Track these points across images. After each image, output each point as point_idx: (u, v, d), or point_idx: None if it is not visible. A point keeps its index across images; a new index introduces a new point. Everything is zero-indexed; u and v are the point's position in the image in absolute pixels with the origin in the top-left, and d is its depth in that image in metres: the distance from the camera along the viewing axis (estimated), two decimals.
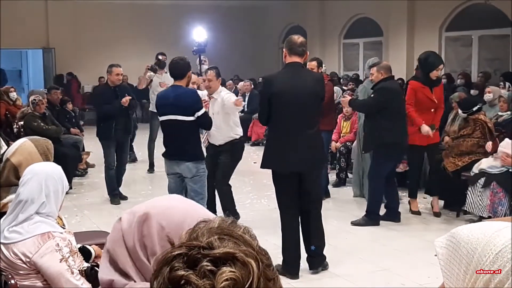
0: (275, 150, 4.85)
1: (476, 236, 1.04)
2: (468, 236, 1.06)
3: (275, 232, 6.00)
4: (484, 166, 6.14)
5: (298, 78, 4.76)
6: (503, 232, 1.03)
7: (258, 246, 0.99)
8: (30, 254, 2.70)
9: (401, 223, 6.48)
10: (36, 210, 2.77)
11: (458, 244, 1.06)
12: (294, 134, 4.74)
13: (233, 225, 1.00)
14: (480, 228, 1.06)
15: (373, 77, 6.46)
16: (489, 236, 1.03)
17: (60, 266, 2.69)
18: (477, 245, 1.03)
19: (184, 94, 5.22)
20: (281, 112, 4.73)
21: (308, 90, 4.75)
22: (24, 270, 2.73)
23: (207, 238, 0.95)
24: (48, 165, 2.95)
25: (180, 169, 5.32)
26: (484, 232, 1.04)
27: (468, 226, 1.09)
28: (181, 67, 5.28)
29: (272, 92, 4.72)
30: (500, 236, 1.02)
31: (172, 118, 5.20)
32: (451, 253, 1.07)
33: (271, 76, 4.96)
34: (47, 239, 2.73)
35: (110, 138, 7.43)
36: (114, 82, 7.49)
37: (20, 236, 2.73)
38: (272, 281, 0.97)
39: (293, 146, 4.73)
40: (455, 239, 1.08)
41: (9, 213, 2.82)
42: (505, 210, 5.90)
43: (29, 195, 2.77)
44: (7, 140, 6.98)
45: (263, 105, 4.87)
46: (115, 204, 7.46)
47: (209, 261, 0.91)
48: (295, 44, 4.79)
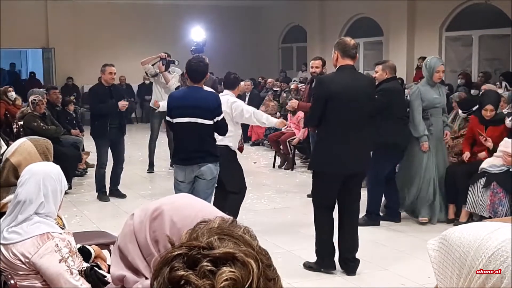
0: (330, 151, 4.82)
1: (468, 239, 1.04)
2: (460, 238, 1.05)
3: (275, 232, 6.01)
4: (484, 165, 6.14)
5: (354, 80, 4.81)
6: (495, 234, 1.03)
7: (258, 246, 0.99)
8: (29, 255, 2.69)
9: (401, 223, 6.48)
10: (35, 211, 2.76)
11: (450, 247, 1.06)
12: (350, 135, 4.76)
13: (233, 225, 1.00)
14: (472, 230, 1.06)
15: (377, 75, 6.45)
16: (481, 239, 1.03)
17: (59, 266, 2.69)
18: (470, 248, 1.03)
19: (207, 98, 5.10)
20: (338, 113, 4.74)
21: (363, 92, 4.81)
22: (24, 270, 2.73)
23: (207, 238, 0.94)
24: (46, 165, 2.94)
25: (201, 171, 5.11)
26: (476, 235, 1.04)
27: (460, 228, 1.08)
28: (201, 69, 5.14)
29: (330, 93, 4.72)
30: (492, 239, 1.02)
31: (191, 121, 5.02)
32: (443, 256, 1.07)
33: (328, 77, 5.03)
34: (46, 239, 2.72)
35: (105, 137, 7.45)
36: (108, 81, 7.49)
37: (19, 237, 2.72)
38: (273, 281, 0.97)
39: (349, 147, 4.76)
40: (447, 241, 1.07)
41: (8, 214, 2.82)
42: (505, 210, 5.90)
43: (27, 195, 2.76)
44: (6, 140, 6.97)
45: (317, 106, 4.84)
46: (104, 201, 7.50)
47: (209, 261, 0.91)
48: (349, 47, 4.81)
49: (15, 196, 2.80)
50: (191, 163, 5.12)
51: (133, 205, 7.42)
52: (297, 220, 6.59)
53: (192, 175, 5.16)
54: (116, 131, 7.51)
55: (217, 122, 5.08)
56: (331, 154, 4.80)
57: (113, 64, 7.62)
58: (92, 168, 9.44)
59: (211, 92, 5.38)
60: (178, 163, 5.28)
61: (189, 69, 5.20)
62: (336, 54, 4.84)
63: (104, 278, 3.00)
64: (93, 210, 7.21)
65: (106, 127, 7.39)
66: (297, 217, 6.71)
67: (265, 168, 9.92)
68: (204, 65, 5.18)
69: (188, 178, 5.18)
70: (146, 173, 9.44)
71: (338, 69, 4.86)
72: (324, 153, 4.87)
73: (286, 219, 6.73)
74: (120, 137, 7.68)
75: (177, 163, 5.30)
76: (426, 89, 6.30)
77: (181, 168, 5.19)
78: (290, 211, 7.12)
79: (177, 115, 5.10)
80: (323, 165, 4.90)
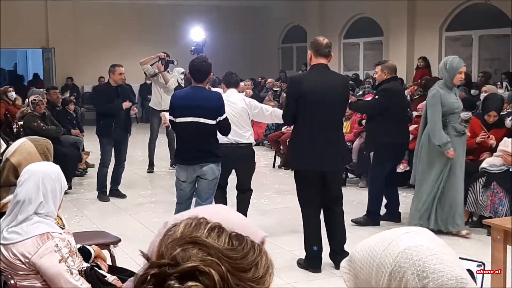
0: (301, 150, 4.90)
1: (368, 260, 1.07)
2: (361, 260, 1.08)
3: (275, 232, 6.01)
4: (485, 165, 6.14)
5: (326, 79, 4.84)
6: (389, 249, 1.04)
7: (226, 241, 0.99)
8: (29, 255, 2.69)
9: (401, 223, 6.48)
10: (35, 210, 2.76)
11: (356, 270, 1.09)
12: (321, 134, 4.80)
13: (197, 228, 1.00)
14: (370, 248, 1.08)
15: (376, 75, 6.45)
16: (379, 258, 1.05)
17: (59, 266, 2.69)
18: (371, 269, 1.06)
19: (210, 97, 5.11)
20: (309, 112, 4.78)
21: (336, 91, 4.84)
22: (24, 270, 2.73)
23: (171, 254, 0.96)
24: (46, 165, 2.94)
25: (203, 171, 5.11)
26: (374, 254, 1.06)
27: (361, 247, 1.10)
28: (204, 69, 5.14)
29: (300, 92, 4.77)
30: (387, 256, 1.04)
31: (194, 121, 5.02)
32: (354, 278, 1.09)
33: (299, 77, 5.05)
34: (46, 239, 2.72)
35: (110, 136, 7.48)
36: (117, 82, 7.54)
37: (19, 237, 2.72)
38: (253, 268, 0.98)
39: (321, 146, 4.80)
40: (352, 263, 1.10)
41: (8, 214, 2.82)
42: (505, 210, 5.90)
43: (26, 195, 2.76)
44: (6, 140, 6.98)
45: (290, 105, 4.93)
46: (103, 201, 7.49)
47: (175, 278, 0.93)
48: (321, 46, 4.86)
49: (15, 196, 2.80)
50: (193, 163, 5.12)
51: (133, 205, 7.43)
52: (297, 220, 6.54)
53: (194, 175, 5.16)
54: (121, 130, 7.54)
55: (220, 122, 5.09)
56: (304, 153, 4.88)
57: (122, 65, 7.66)
58: (92, 168, 9.45)
59: (214, 92, 5.39)
60: (180, 163, 5.27)
61: (192, 69, 5.21)
62: (310, 54, 4.90)
63: (104, 278, 3.00)
64: (93, 210, 7.20)
65: (111, 126, 7.42)
66: (297, 217, 6.68)
67: (265, 168, 9.92)
68: (207, 64, 5.19)
69: (190, 178, 5.18)
70: (146, 173, 9.44)
71: (310, 68, 4.93)
72: (297, 151, 4.96)
73: (286, 219, 6.73)
74: (125, 137, 7.70)
75: (179, 163, 5.29)
76: (445, 92, 5.69)
77: (183, 168, 5.19)
78: (290, 211, 7.11)
79: (180, 115, 5.09)
80: (297, 163, 5.02)
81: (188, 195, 5.29)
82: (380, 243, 1.06)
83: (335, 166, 5.03)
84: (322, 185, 4.96)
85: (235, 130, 5.63)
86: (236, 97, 5.98)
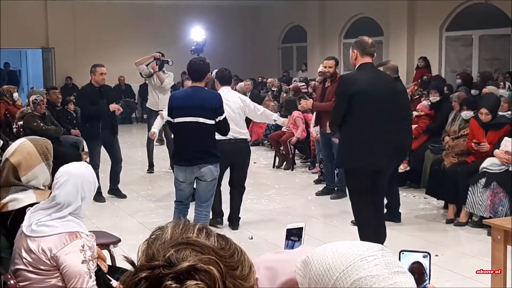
0: (356, 149, 4.90)
1: (324, 278, 1.04)
2: (317, 275, 1.06)
3: (275, 232, 6.00)
4: (485, 164, 6.14)
5: (377, 78, 4.92)
6: (346, 274, 1.02)
7: (215, 240, 1.00)
8: (55, 250, 2.72)
9: (401, 223, 6.48)
10: (70, 212, 2.81)
11: (310, 280, 1.08)
12: (373, 132, 4.83)
13: (186, 229, 1.01)
14: (328, 267, 1.05)
15: None
16: (333, 281, 1.03)
17: (81, 267, 2.71)
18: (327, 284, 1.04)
19: (210, 97, 5.12)
20: (363, 111, 4.80)
21: (386, 89, 4.90)
22: (46, 265, 2.74)
23: (164, 255, 0.95)
24: (83, 167, 2.98)
25: (201, 173, 5.11)
26: (330, 275, 1.04)
27: (319, 259, 1.07)
28: (202, 68, 5.16)
29: (355, 91, 4.78)
30: (343, 281, 1.02)
31: (193, 121, 5.02)
32: (308, 286, 1.08)
33: (352, 75, 5.13)
34: (75, 238, 2.75)
35: (97, 138, 7.40)
36: (99, 82, 7.46)
37: (49, 231, 2.75)
38: (238, 269, 0.99)
39: (373, 144, 4.84)
40: (308, 272, 1.09)
41: (40, 208, 2.83)
42: (505, 210, 5.89)
43: (66, 198, 2.80)
44: (6, 140, 6.96)
45: (341, 104, 4.90)
46: (99, 202, 7.39)
47: (172, 278, 0.92)
48: (367, 45, 4.90)
49: (53, 197, 2.83)
50: (191, 164, 5.11)
51: (133, 205, 7.43)
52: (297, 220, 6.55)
53: (193, 176, 5.16)
54: (108, 132, 7.46)
55: (219, 122, 5.09)
56: (356, 151, 4.88)
57: (103, 65, 7.59)
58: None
59: (213, 92, 5.40)
60: (178, 164, 5.26)
61: (189, 69, 5.23)
62: (355, 53, 4.91)
63: (109, 282, 3.01)
64: (93, 210, 7.19)
65: (98, 128, 7.34)
66: (297, 217, 6.70)
67: (265, 168, 9.91)
68: (205, 64, 5.20)
69: (189, 179, 5.18)
70: (146, 173, 9.44)
71: (358, 67, 4.93)
72: (349, 150, 4.96)
73: (286, 219, 6.73)
74: (113, 138, 7.63)
75: (177, 164, 5.28)
76: None
77: (181, 168, 5.18)
78: (290, 211, 7.11)
79: (179, 115, 5.09)
80: (348, 162, 5.02)
81: (187, 195, 5.29)
82: (338, 264, 1.04)
83: (385, 163, 5.06)
84: (372, 183, 4.95)
85: (233, 127, 5.65)
86: (232, 95, 6.07)
